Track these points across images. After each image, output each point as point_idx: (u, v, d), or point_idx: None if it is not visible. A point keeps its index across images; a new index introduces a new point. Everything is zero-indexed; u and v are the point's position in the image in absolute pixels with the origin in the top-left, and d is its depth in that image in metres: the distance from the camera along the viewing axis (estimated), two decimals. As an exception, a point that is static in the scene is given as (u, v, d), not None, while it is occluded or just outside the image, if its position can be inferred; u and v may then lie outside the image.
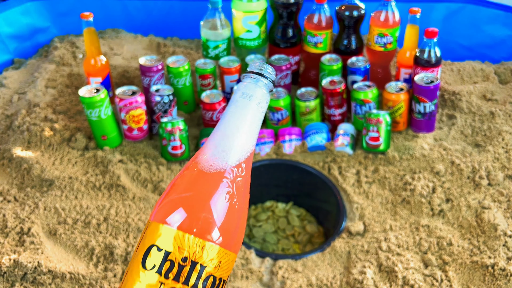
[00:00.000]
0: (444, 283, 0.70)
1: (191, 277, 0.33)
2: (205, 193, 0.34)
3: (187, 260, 0.33)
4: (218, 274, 0.34)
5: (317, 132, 0.93)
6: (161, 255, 0.33)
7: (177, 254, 0.33)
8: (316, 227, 0.90)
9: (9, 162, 0.91)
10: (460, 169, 0.87)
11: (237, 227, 0.35)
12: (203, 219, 0.33)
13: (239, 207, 0.35)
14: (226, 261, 0.35)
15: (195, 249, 0.33)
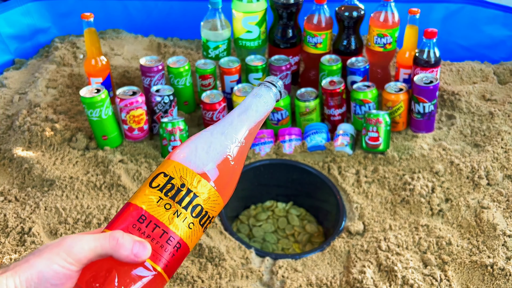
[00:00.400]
0: (444, 282, 0.70)
1: (184, 200, 0.42)
2: (210, 146, 0.44)
3: (184, 186, 0.42)
4: (205, 207, 0.43)
5: (317, 132, 0.93)
6: (166, 179, 0.42)
7: (178, 181, 0.42)
8: (315, 227, 0.90)
9: (10, 162, 0.92)
10: (459, 169, 0.87)
11: (229, 179, 0.45)
12: (204, 162, 0.43)
13: (233, 166, 0.45)
14: (214, 200, 0.43)
15: (192, 181, 0.42)
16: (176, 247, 0.41)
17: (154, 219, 0.41)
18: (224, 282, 0.70)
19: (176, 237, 0.41)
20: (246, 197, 0.92)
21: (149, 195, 0.42)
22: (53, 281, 0.38)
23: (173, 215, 0.41)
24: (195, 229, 0.42)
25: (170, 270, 0.42)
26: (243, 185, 0.89)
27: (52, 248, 0.39)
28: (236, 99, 0.95)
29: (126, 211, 0.42)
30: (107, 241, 0.39)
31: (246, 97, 0.49)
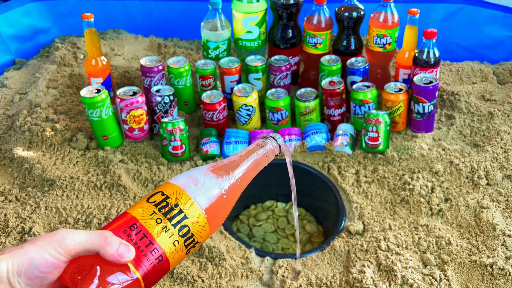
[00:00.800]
0: (443, 282, 0.70)
1: (174, 218, 0.45)
2: (207, 179, 0.49)
3: (177, 206, 0.46)
4: (192, 230, 0.46)
5: (316, 132, 0.94)
6: (162, 197, 0.46)
7: (173, 201, 0.46)
8: (315, 227, 0.90)
9: (10, 162, 0.92)
10: (459, 169, 0.87)
11: (219, 211, 0.49)
12: (200, 190, 0.48)
13: (225, 200, 0.49)
14: (202, 226, 0.47)
15: (185, 203, 0.46)
16: (158, 260, 0.44)
17: (144, 229, 0.44)
18: (224, 282, 0.70)
19: (160, 250, 0.44)
20: (246, 197, 0.92)
21: (145, 208, 0.46)
22: (41, 269, 0.40)
23: (162, 229, 0.44)
24: (179, 248, 0.45)
25: (149, 280, 0.44)
26: (243, 185, 0.89)
27: (46, 238, 0.41)
28: (236, 99, 0.95)
29: (121, 218, 0.45)
30: (96, 237, 0.42)
31: (252, 144, 0.56)
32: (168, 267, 0.45)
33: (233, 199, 0.51)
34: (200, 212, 0.46)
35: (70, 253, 0.41)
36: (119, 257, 0.42)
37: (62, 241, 0.41)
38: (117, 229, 0.44)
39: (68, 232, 0.42)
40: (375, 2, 1.01)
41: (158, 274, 0.45)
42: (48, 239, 0.41)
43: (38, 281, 0.41)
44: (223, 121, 0.97)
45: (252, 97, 0.94)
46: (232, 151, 0.92)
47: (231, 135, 0.94)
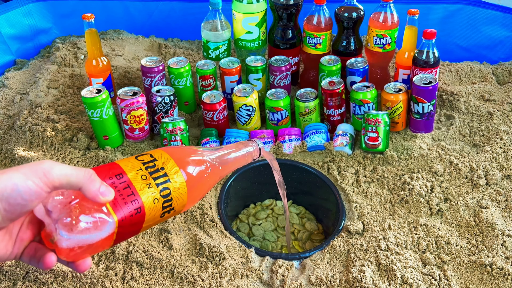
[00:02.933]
0: (443, 282, 0.70)
1: (159, 179, 0.48)
2: (194, 155, 0.53)
3: (163, 169, 0.49)
4: (172, 194, 0.49)
5: (316, 132, 0.94)
6: (151, 159, 0.49)
7: (160, 164, 0.49)
8: (315, 225, 0.90)
9: (11, 162, 0.92)
10: (458, 169, 0.88)
11: (198, 185, 0.52)
12: (186, 162, 0.51)
13: (206, 178, 0.53)
14: (181, 194, 0.50)
15: (171, 169, 0.49)
16: (137, 210, 0.46)
17: (129, 180, 0.46)
18: (224, 281, 0.70)
19: (140, 202, 0.46)
20: (245, 196, 0.93)
21: (133, 163, 0.48)
22: (24, 196, 0.40)
23: (146, 185, 0.47)
24: (157, 207, 0.48)
25: (122, 228, 0.45)
26: (243, 185, 0.90)
27: (31, 166, 0.41)
28: (236, 99, 0.95)
29: (109, 166, 0.47)
30: (82, 172, 0.43)
31: (241, 142, 0.62)
32: (143, 222, 0.47)
33: (212, 180, 0.55)
34: (182, 180, 0.49)
35: (54, 184, 0.41)
36: (100, 195, 0.43)
37: (48, 171, 0.41)
38: (103, 174, 0.46)
39: (54, 164, 0.42)
40: (375, 2, 1.01)
41: (132, 226, 0.46)
42: (33, 168, 0.41)
43: (18, 208, 0.40)
44: (223, 121, 0.97)
45: (252, 97, 0.94)
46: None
47: (231, 135, 0.94)
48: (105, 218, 0.44)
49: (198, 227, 0.79)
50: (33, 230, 0.46)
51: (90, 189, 0.43)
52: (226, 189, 0.86)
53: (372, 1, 1.05)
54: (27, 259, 0.44)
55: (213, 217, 0.80)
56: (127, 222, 0.45)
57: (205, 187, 0.54)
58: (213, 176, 0.54)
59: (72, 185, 0.42)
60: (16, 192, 0.40)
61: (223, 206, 0.83)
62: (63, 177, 0.41)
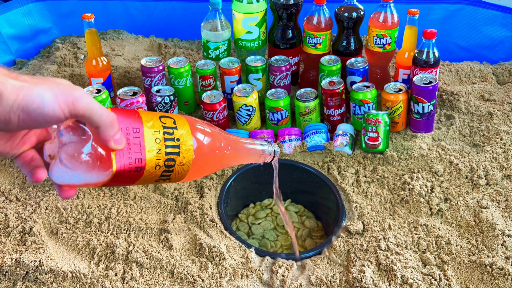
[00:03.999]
0: (443, 282, 0.70)
1: (169, 148, 0.48)
2: (212, 137, 0.53)
3: (179, 141, 0.49)
4: (175, 167, 0.50)
5: (316, 132, 0.94)
6: (172, 125, 0.50)
7: (178, 135, 0.50)
8: (315, 222, 0.90)
9: (11, 162, 0.92)
10: (458, 169, 0.88)
11: (203, 165, 0.53)
12: (202, 143, 0.52)
13: (213, 163, 0.54)
14: (184, 170, 0.50)
15: (185, 143, 0.50)
16: (137, 168, 0.46)
17: (142, 137, 0.46)
18: (224, 282, 0.70)
19: (143, 162, 0.46)
20: (245, 196, 0.93)
21: (155, 122, 0.48)
22: (46, 117, 0.40)
23: (156, 149, 0.47)
24: (156, 173, 0.48)
25: (117, 178, 0.46)
26: (242, 184, 0.90)
27: (64, 88, 0.40)
28: (236, 99, 0.95)
29: (130, 115, 0.47)
30: (106, 113, 0.42)
31: (261, 140, 0.64)
32: (137, 180, 0.48)
33: (217, 165, 0.56)
34: (190, 159, 0.50)
35: (77, 115, 0.41)
36: (113, 141, 0.43)
37: (77, 101, 0.40)
38: (122, 121, 0.45)
39: (84, 95, 0.41)
40: (375, 2, 1.01)
41: (126, 180, 0.47)
42: (65, 91, 0.40)
43: (35, 124, 0.40)
44: (223, 121, 0.97)
45: (252, 97, 0.94)
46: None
47: (231, 135, 0.94)
48: (105, 165, 0.44)
49: (198, 227, 0.79)
50: (39, 137, 0.46)
51: (106, 132, 0.43)
52: (226, 189, 0.86)
53: (372, 1, 1.05)
54: (20, 163, 0.44)
55: (213, 217, 0.80)
56: (123, 175, 0.46)
57: (208, 171, 0.55)
58: (220, 161, 0.55)
59: (91, 122, 0.42)
60: (40, 110, 0.39)
61: (223, 206, 0.83)
62: (88, 111, 0.41)
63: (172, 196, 0.84)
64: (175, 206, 0.83)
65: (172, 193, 0.85)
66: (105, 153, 0.44)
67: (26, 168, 0.44)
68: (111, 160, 0.44)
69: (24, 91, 0.39)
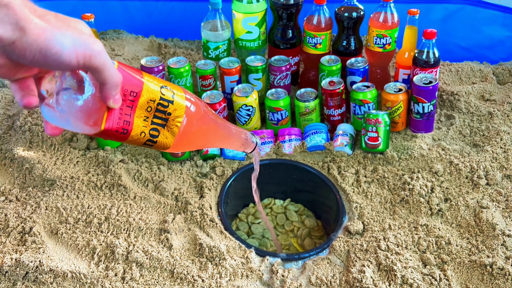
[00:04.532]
0: (443, 282, 0.70)
1: (158, 119, 0.50)
2: (203, 113, 0.55)
3: (169, 116, 0.50)
4: (158, 139, 0.51)
5: (316, 132, 0.94)
6: (169, 99, 0.50)
7: (171, 109, 0.50)
8: (314, 221, 0.90)
9: (11, 162, 0.92)
10: (458, 169, 0.88)
11: (186, 143, 0.54)
12: (191, 123, 0.53)
13: (196, 140, 0.55)
14: (166, 143, 0.52)
15: (174, 120, 0.51)
16: (124, 131, 0.48)
17: (136, 103, 0.48)
18: (224, 282, 0.70)
19: (130, 126, 0.48)
20: (245, 196, 0.93)
21: (153, 91, 0.49)
22: (61, 65, 0.40)
23: (144, 117, 0.49)
24: (140, 139, 0.50)
25: (102, 134, 0.47)
26: (242, 184, 0.90)
27: (85, 41, 0.41)
28: (236, 99, 0.95)
29: (133, 80, 0.48)
30: (114, 74, 0.43)
31: (246, 131, 0.65)
32: (123, 140, 0.50)
33: (202, 141, 0.57)
34: (174, 135, 0.51)
35: (90, 67, 0.41)
36: (111, 100, 0.44)
37: (95, 56, 0.41)
38: (124, 82, 0.46)
39: (102, 51, 0.41)
40: (375, 2, 1.01)
41: (112, 137, 0.48)
42: (86, 43, 0.40)
43: (46, 66, 0.40)
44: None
45: (252, 97, 0.94)
46: (232, 151, 0.92)
47: (231, 135, 0.94)
48: (96, 120, 0.45)
49: (198, 227, 0.79)
50: (41, 69, 0.46)
51: (109, 91, 0.43)
52: (226, 189, 0.86)
53: (372, 1, 1.05)
54: (15, 87, 0.45)
55: (213, 217, 0.80)
56: (110, 133, 0.47)
57: (191, 147, 0.56)
58: (204, 142, 0.57)
59: (99, 78, 0.43)
60: (56, 56, 0.39)
61: (223, 206, 0.83)
62: (101, 68, 0.42)
63: (172, 196, 0.84)
64: (175, 206, 0.83)
65: (172, 193, 0.85)
66: (99, 109, 0.45)
67: (19, 93, 0.45)
68: (103, 117, 0.45)
69: (46, 33, 0.39)
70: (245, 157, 0.92)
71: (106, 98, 0.44)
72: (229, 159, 0.92)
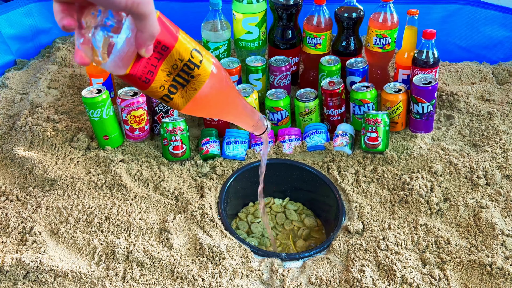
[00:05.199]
0: (442, 281, 0.70)
1: (180, 79, 0.51)
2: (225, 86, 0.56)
3: (192, 79, 0.52)
4: (175, 98, 0.52)
5: (316, 132, 0.94)
6: (196, 63, 0.51)
7: (195, 73, 0.52)
8: (314, 220, 0.91)
9: (11, 162, 0.92)
10: (458, 168, 0.88)
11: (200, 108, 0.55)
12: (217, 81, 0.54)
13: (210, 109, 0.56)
14: (181, 103, 0.53)
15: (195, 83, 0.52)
16: (145, 80, 0.50)
17: (164, 58, 0.49)
18: (225, 281, 0.70)
19: (152, 78, 0.50)
20: (244, 196, 0.93)
21: (184, 50, 0.50)
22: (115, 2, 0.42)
23: (167, 72, 0.50)
24: (157, 93, 0.51)
25: (124, 78, 0.49)
26: (242, 184, 0.90)
27: None
28: (236, 99, 0.95)
29: (172, 34, 0.49)
30: (155, 24, 0.45)
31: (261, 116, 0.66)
32: (142, 89, 0.51)
33: (216, 112, 0.58)
34: (190, 98, 0.52)
35: (134, 12, 0.43)
36: (144, 48, 0.46)
37: (143, 3, 0.42)
38: (160, 34, 0.48)
39: (151, 1, 0.43)
40: (375, 2, 1.01)
41: (132, 83, 0.50)
42: None
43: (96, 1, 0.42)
44: (223, 121, 0.97)
45: (252, 97, 0.95)
46: (232, 151, 0.92)
47: (231, 135, 0.94)
48: (124, 62, 0.47)
49: (198, 227, 0.79)
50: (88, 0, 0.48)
51: (145, 39, 0.45)
52: (226, 189, 0.86)
53: (372, 1, 1.05)
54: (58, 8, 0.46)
55: (213, 217, 0.80)
56: (132, 79, 0.49)
57: (204, 114, 0.57)
58: (218, 113, 0.58)
59: (140, 25, 0.44)
60: None
61: (223, 206, 0.83)
62: (144, 16, 0.43)
63: (172, 196, 0.85)
64: (175, 206, 0.83)
65: (172, 193, 0.85)
66: (130, 53, 0.47)
67: (60, 14, 0.46)
68: (131, 61, 0.47)
69: None
70: (245, 157, 0.92)
71: (140, 46, 0.46)
72: (229, 159, 0.92)
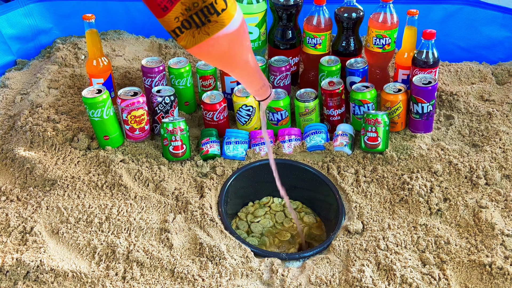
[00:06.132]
0: (442, 281, 0.70)
1: (206, 14, 0.51)
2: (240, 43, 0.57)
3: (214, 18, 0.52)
4: (199, 29, 0.53)
5: (316, 133, 0.94)
6: (222, 8, 0.52)
7: (222, 15, 0.53)
8: (313, 218, 0.91)
9: (12, 162, 0.92)
10: (457, 168, 0.88)
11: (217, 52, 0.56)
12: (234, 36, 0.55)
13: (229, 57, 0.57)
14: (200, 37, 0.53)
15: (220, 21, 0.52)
16: (165, 7, 0.51)
17: None
18: (225, 281, 0.71)
19: (171, 8, 0.50)
20: (244, 195, 0.93)
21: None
22: None
23: (187, 7, 0.51)
24: (171, 24, 0.52)
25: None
26: (242, 184, 0.90)
27: None
28: (236, 99, 0.95)
29: None
30: None
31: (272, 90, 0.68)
32: (159, 17, 0.51)
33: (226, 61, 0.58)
34: (202, 40, 0.52)
35: None
36: None
37: None
38: None
39: None
40: (375, 3, 1.02)
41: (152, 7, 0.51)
42: None
43: None
44: (223, 121, 0.97)
45: (252, 97, 0.95)
46: (232, 151, 0.92)
47: (231, 135, 0.94)
48: None
49: (198, 227, 0.79)
50: None
51: None
52: (226, 189, 0.86)
53: (372, 2, 1.05)
54: None
55: (213, 217, 0.80)
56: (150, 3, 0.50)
57: (210, 61, 0.58)
58: (228, 64, 0.58)
59: None
60: None
61: (223, 206, 0.83)
62: None
63: (173, 196, 0.85)
64: (176, 206, 0.83)
65: (172, 193, 0.85)
66: None
67: None
68: None
69: None
70: (245, 157, 0.92)
71: None
72: (229, 159, 0.92)
